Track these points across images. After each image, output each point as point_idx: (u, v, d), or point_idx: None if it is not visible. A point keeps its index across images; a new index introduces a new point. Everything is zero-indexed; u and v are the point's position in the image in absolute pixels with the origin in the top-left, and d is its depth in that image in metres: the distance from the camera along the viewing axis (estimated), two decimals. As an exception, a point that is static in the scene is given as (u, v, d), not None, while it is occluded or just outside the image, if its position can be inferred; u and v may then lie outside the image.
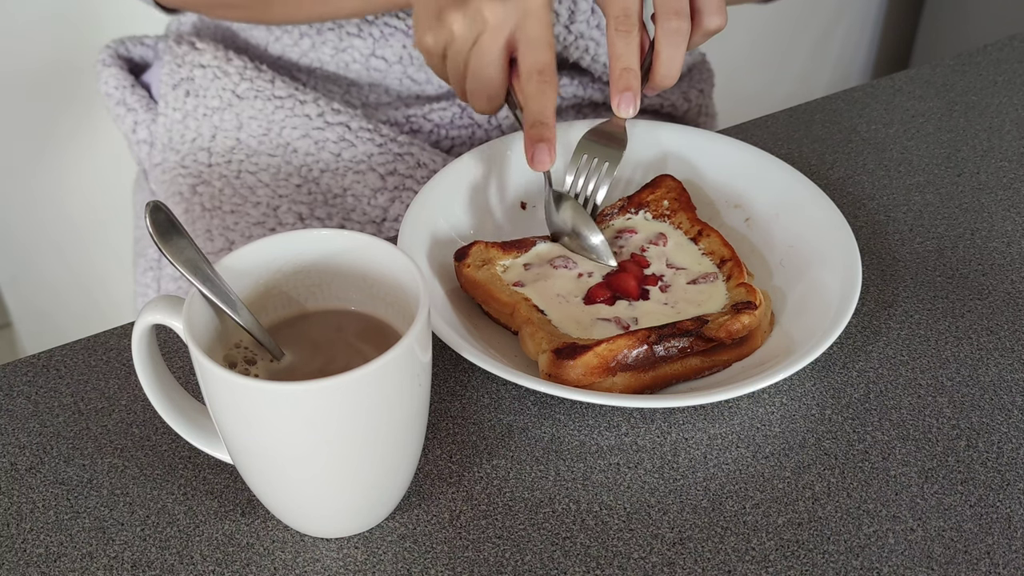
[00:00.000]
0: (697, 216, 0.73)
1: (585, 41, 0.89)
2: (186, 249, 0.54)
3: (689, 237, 0.72)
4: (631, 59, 0.69)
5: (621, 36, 0.69)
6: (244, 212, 0.89)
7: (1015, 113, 0.88)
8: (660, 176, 0.75)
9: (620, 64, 0.69)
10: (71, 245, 1.45)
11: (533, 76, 0.67)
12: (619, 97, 0.69)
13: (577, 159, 0.73)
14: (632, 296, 0.68)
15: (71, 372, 0.66)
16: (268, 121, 0.90)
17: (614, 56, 0.69)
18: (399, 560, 0.57)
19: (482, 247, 0.70)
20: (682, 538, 0.58)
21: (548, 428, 0.63)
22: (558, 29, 0.87)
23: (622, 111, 0.69)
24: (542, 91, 0.67)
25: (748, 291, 0.66)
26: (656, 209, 0.73)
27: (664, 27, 0.68)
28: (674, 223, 0.73)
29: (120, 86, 0.95)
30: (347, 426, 0.52)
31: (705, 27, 0.70)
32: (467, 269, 0.68)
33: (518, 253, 0.71)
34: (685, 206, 0.73)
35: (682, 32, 0.68)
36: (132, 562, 0.57)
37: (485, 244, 0.70)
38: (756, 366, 0.65)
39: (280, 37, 0.90)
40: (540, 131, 0.67)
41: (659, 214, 0.73)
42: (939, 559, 0.57)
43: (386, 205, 0.88)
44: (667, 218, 0.73)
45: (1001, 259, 0.74)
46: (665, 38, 0.68)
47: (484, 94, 0.70)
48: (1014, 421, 0.64)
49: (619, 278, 0.69)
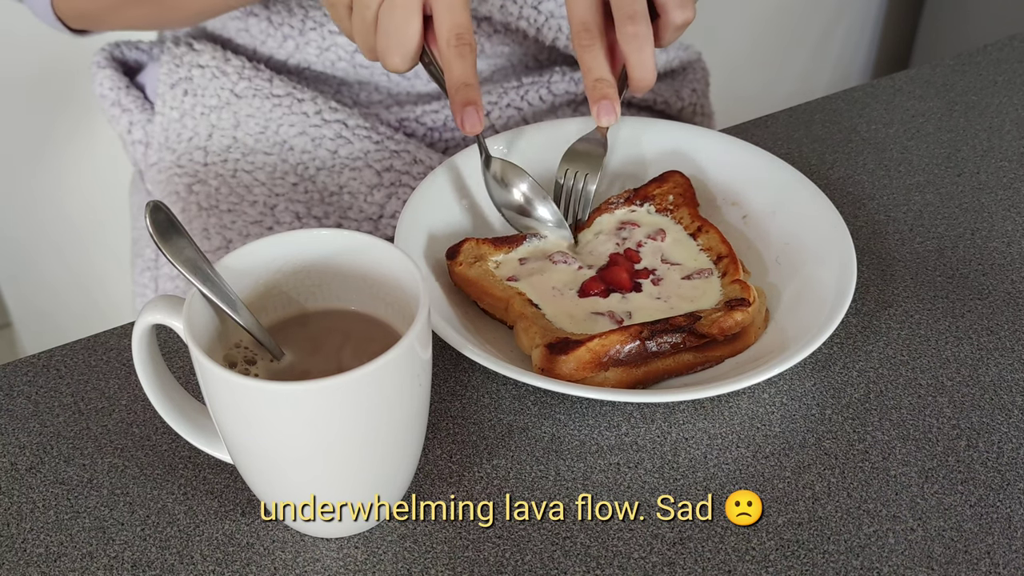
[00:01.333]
0: (698, 212, 0.73)
1: (556, 20, 0.88)
2: (186, 249, 0.54)
3: (689, 233, 0.72)
4: (601, 70, 0.70)
5: (585, 50, 0.70)
6: (241, 211, 0.89)
7: (1015, 113, 0.87)
8: (669, 172, 0.75)
9: (591, 76, 0.70)
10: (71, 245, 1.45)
11: (452, 41, 0.66)
12: (597, 107, 0.70)
13: (561, 172, 0.74)
14: (625, 288, 0.68)
15: (71, 372, 0.66)
16: (265, 119, 0.90)
17: (584, 70, 0.70)
18: (399, 560, 0.57)
19: (473, 244, 0.70)
20: (682, 538, 0.58)
21: (548, 427, 0.63)
22: (527, 11, 0.87)
23: (603, 120, 0.70)
24: (462, 54, 0.66)
25: (742, 288, 0.67)
26: (661, 203, 0.74)
27: (622, 33, 0.69)
28: (676, 218, 0.73)
29: (115, 87, 0.95)
30: (347, 426, 0.52)
31: (672, 23, 0.70)
32: (459, 267, 0.69)
33: (509, 248, 0.71)
34: (689, 202, 0.73)
35: (640, 36, 0.68)
36: (132, 562, 0.57)
37: (476, 241, 0.70)
38: (750, 362, 0.65)
39: (265, 41, 0.90)
40: (466, 94, 0.67)
41: (663, 208, 0.73)
42: (939, 559, 0.57)
43: (383, 202, 0.89)
44: (670, 213, 0.73)
45: (1001, 259, 0.74)
46: (626, 44, 0.69)
47: (396, 52, 0.68)
48: (1014, 421, 0.63)
49: (611, 271, 0.69)
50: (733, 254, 0.69)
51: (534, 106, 0.93)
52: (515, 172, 0.72)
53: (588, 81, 0.70)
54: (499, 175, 0.72)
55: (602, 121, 0.70)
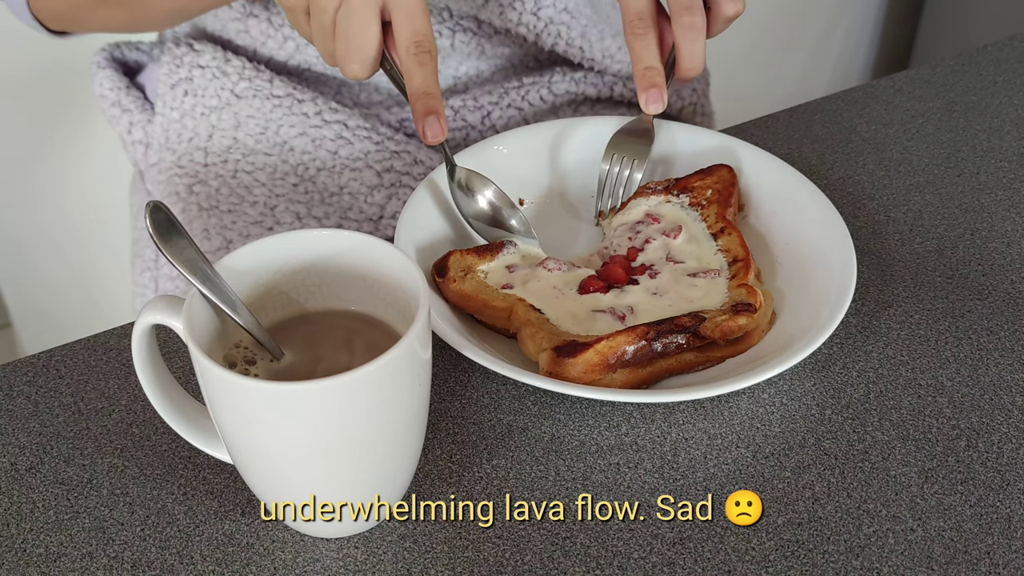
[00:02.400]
0: (725, 214, 0.73)
1: (556, 26, 0.89)
2: (186, 249, 0.54)
3: (711, 232, 0.72)
4: (651, 59, 0.72)
5: (638, 39, 0.72)
6: (241, 211, 0.89)
7: (1015, 113, 0.87)
8: (717, 165, 0.75)
9: (642, 64, 0.72)
10: (71, 245, 1.45)
11: (411, 49, 0.66)
12: (645, 95, 0.72)
13: (608, 157, 0.75)
14: (621, 282, 0.69)
15: (71, 372, 0.66)
16: (266, 120, 0.90)
17: (635, 59, 0.72)
18: (399, 560, 0.57)
19: (459, 256, 0.70)
20: (682, 538, 0.58)
21: (548, 427, 0.63)
22: (527, 17, 0.87)
23: (650, 108, 0.73)
24: (421, 62, 0.66)
25: (749, 292, 0.66)
26: (697, 196, 0.74)
27: (678, 23, 0.70)
28: (703, 215, 0.73)
29: (115, 88, 0.95)
30: (347, 426, 0.52)
31: (723, 15, 0.72)
32: (453, 284, 0.68)
33: (493, 256, 0.71)
34: (723, 200, 0.73)
35: (696, 26, 0.70)
36: (132, 562, 0.57)
37: (460, 252, 0.70)
38: (751, 362, 0.65)
39: (265, 42, 0.90)
40: (427, 103, 0.66)
41: (697, 202, 0.73)
42: (939, 559, 0.57)
43: (383, 202, 0.88)
44: (702, 208, 0.73)
45: (1001, 259, 0.74)
46: (681, 34, 0.70)
47: (355, 59, 0.67)
48: (1014, 421, 0.63)
49: (608, 268, 0.70)
50: (748, 259, 0.69)
51: (535, 106, 0.93)
52: (480, 181, 0.72)
53: (638, 69, 0.72)
54: (464, 183, 0.72)
55: (649, 109, 0.72)
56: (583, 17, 0.89)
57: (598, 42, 0.91)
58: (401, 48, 0.66)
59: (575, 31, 0.89)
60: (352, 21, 0.65)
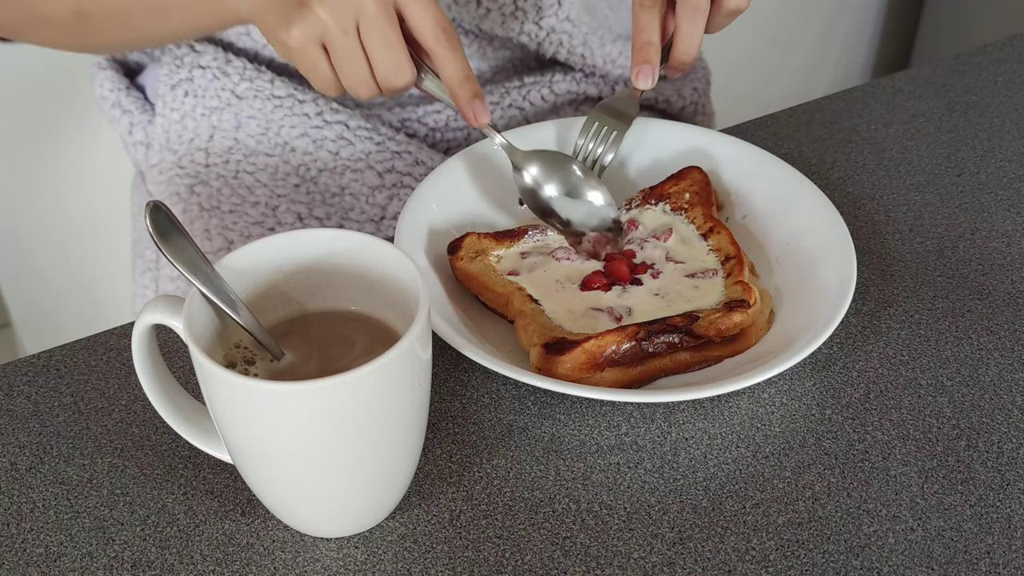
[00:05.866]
0: (712, 213, 0.73)
1: (558, 35, 0.89)
2: (186, 249, 0.54)
3: (700, 233, 0.72)
4: (652, 33, 0.72)
5: (645, 11, 0.72)
6: (243, 212, 0.89)
7: (1015, 113, 0.87)
8: (687, 168, 0.75)
9: (642, 38, 0.72)
10: (71, 245, 1.45)
11: (440, 37, 0.66)
12: (638, 68, 0.72)
13: (588, 128, 0.75)
14: (624, 280, 0.68)
15: (71, 372, 0.66)
16: (267, 120, 0.90)
17: (637, 30, 0.72)
18: (399, 560, 0.57)
19: (475, 238, 0.70)
20: (682, 538, 0.58)
21: (548, 427, 0.63)
22: (528, 26, 0.88)
23: (640, 82, 0.72)
24: (453, 48, 0.67)
25: (744, 289, 0.67)
26: (676, 202, 0.74)
27: (683, 4, 0.71)
28: (689, 218, 0.73)
29: (115, 88, 0.95)
30: (347, 426, 0.52)
31: (727, 7, 0.72)
32: (460, 262, 0.69)
33: (511, 243, 0.71)
34: (704, 200, 0.73)
35: (701, 9, 0.71)
36: (132, 562, 0.57)
37: (478, 235, 0.71)
38: (750, 362, 0.65)
39: (267, 45, 0.90)
40: (471, 87, 0.67)
41: (678, 206, 0.73)
42: (939, 559, 0.57)
43: (384, 203, 0.89)
44: (684, 211, 0.73)
45: (1001, 259, 0.74)
46: (684, 15, 0.71)
47: (393, 68, 0.66)
48: (1014, 421, 0.64)
49: (613, 264, 0.70)
50: (741, 256, 0.69)
51: (536, 106, 0.93)
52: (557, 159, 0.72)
53: (637, 42, 0.72)
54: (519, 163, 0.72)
55: (639, 83, 0.72)
56: (583, 25, 0.89)
57: (599, 48, 0.91)
58: (429, 38, 0.66)
59: (576, 39, 0.89)
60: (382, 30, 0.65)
